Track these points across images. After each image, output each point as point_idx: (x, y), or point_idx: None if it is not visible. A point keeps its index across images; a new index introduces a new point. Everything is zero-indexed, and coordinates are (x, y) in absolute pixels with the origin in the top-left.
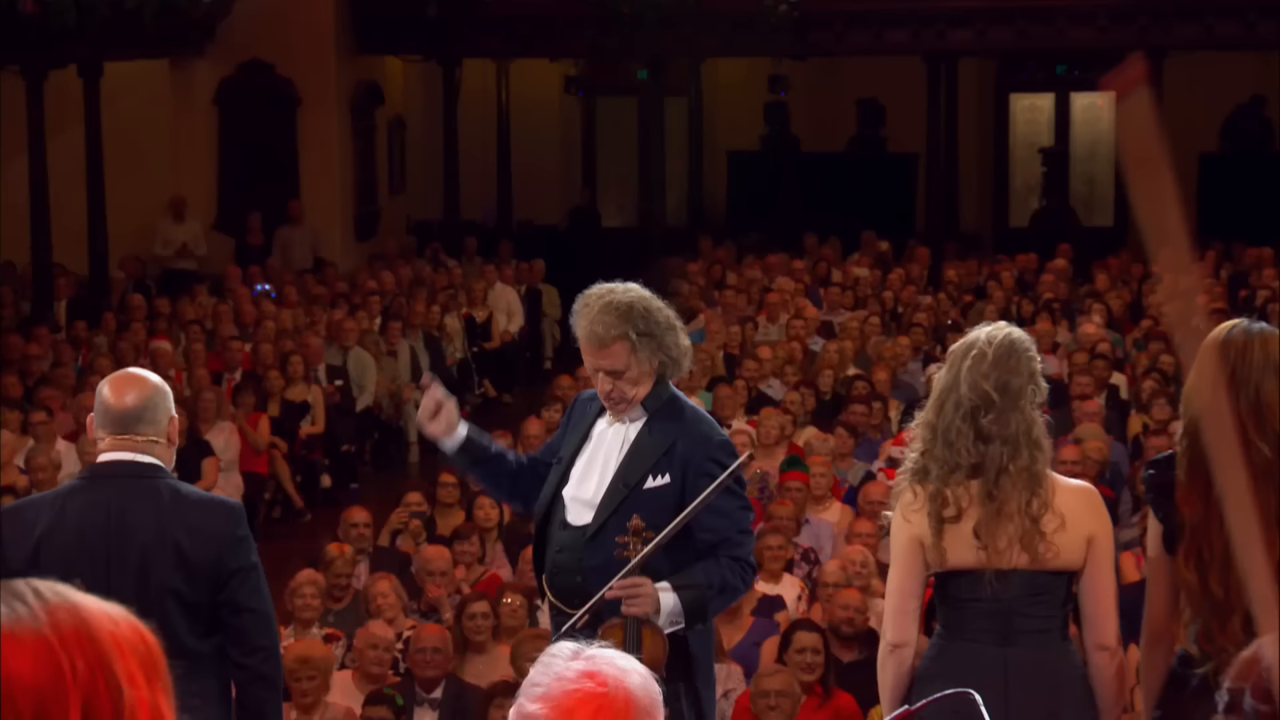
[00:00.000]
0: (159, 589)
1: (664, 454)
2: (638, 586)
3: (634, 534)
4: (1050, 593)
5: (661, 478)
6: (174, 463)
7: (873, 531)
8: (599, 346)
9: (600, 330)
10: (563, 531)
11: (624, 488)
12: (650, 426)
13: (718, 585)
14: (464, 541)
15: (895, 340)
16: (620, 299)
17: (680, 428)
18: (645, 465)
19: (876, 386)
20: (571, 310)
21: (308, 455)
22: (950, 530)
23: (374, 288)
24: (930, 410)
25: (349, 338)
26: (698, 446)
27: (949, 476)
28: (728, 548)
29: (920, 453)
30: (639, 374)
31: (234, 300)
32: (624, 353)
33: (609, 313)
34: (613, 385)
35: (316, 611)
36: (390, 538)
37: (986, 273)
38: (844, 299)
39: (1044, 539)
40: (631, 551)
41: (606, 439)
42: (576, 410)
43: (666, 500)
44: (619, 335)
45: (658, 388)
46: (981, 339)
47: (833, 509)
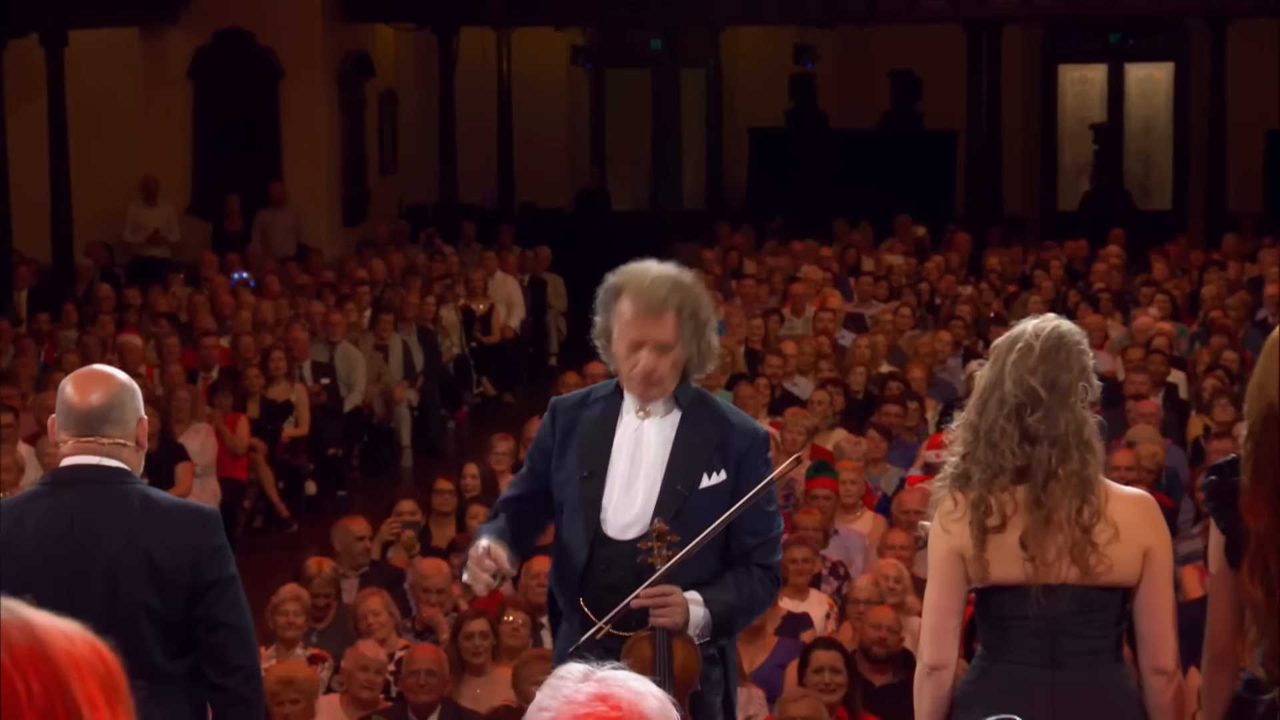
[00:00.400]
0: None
1: (716, 448)
2: (666, 595)
3: (657, 538)
4: (1102, 610)
5: (716, 475)
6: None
7: (908, 543)
8: (654, 314)
9: (661, 294)
10: (607, 548)
11: (682, 490)
12: (690, 420)
13: (747, 598)
14: (461, 554)
15: (932, 335)
16: (677, 272)
17: (724, 420)
18: (699, 462)
19: (912, 385)
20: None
21: (290, 460)
22: (993, 541)
23: (363, 277)
24: (971, 410)
25: (336, 332)
26: (748, 439)
27: (992, 481)
28: (761, 554)
29: (960, 456)
30: (679, 356)
31: (210, 290)
32: (676, 326)
33: (667, 281)
34: (656, 363)
35: (300, 630)
36: (381, 550)
37: (1033, 260)
38: (876, 289)
39: (1096, 551)
40: (657, 557)
41: (643, 439)
42: (563, 418)
43: (720, 499)
44: (676, 306)
45: (684, 383)
46: (1028, 332)
47: (864, 519)
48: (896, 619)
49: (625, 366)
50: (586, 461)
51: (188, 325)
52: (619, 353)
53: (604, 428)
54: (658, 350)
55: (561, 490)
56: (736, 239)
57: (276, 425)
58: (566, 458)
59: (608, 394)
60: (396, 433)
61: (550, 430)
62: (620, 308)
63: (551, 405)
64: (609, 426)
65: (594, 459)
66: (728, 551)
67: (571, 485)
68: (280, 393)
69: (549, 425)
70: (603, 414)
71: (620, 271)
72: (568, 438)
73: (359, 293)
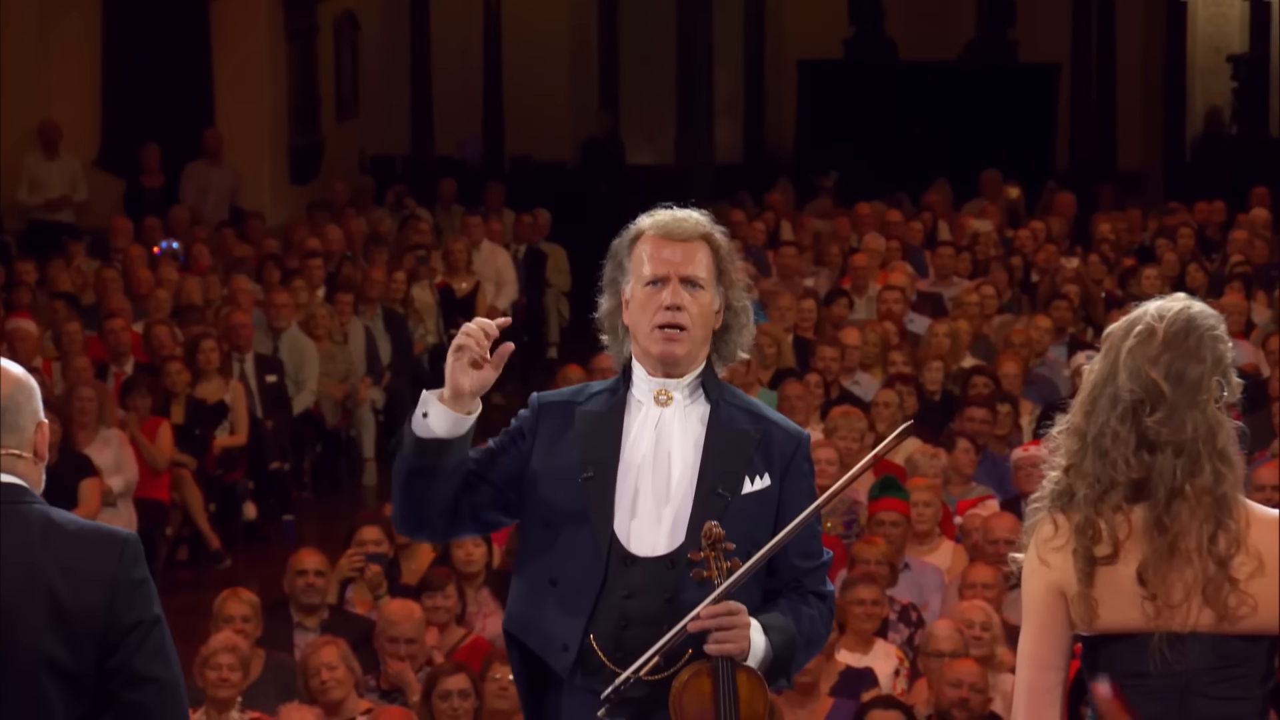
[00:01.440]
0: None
1: (757, 446)
2: (731, 616)
3: (710, 545)
4: (1244, 664)
5: (760, 479)
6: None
7: (996, 580)
8: (681, 239)
9: (692, 220)
10: (628, 569)
11: (723, 494)
12: (722, 412)
13: (807, 630)
14: (437, 594)
15: (1028, 320)
16: (698, 214)
17: (763, 416)
18: (740, 461)
19: (1003, 383)
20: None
21: (225, 476)
22: (1105, 576)
23: (316, 247)
24: (1078, 411)
25: (282, 315)
26: (793, 441)
27: (1101, 500)
28: (815, 580)
29: (1063, 469)
30: (707, 308)
31: (124, 264)
32: (706, 258)
33: (696, 214)
34: (684, 299)
35: (237, 688)
36: (339, 590)
37: (1154, 227)
38: (958, 263)
39: (1235, 589)
40: (714, 571)
41: (666, 430)
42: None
43: (765, 510)
44: (706, 235)
45: (709, 369)
46: (1149, 314)
47: (942, 549)
48: (983, 675)
49: (642, 318)
50: (589, 459)
51: (95, 308)
52: (634, 306)
53: (609, 420)
54: (687, 284)
55: (549, 501)
56: (774, 196)
57: (207, 433)
58: (556, 457)
59: (609, 386)
60: (357, 442)
61: (531, 429)
62: (639, 251)
63: (534, 403)
64: (614, 418)
65: (599, 456)
66: (773, 577)
67: (567, 490)
68: (212, 392)
69: (530, 424)
70: (606, 406)
71: (639, 220)
72: (557, 437)
73: (310, 267)
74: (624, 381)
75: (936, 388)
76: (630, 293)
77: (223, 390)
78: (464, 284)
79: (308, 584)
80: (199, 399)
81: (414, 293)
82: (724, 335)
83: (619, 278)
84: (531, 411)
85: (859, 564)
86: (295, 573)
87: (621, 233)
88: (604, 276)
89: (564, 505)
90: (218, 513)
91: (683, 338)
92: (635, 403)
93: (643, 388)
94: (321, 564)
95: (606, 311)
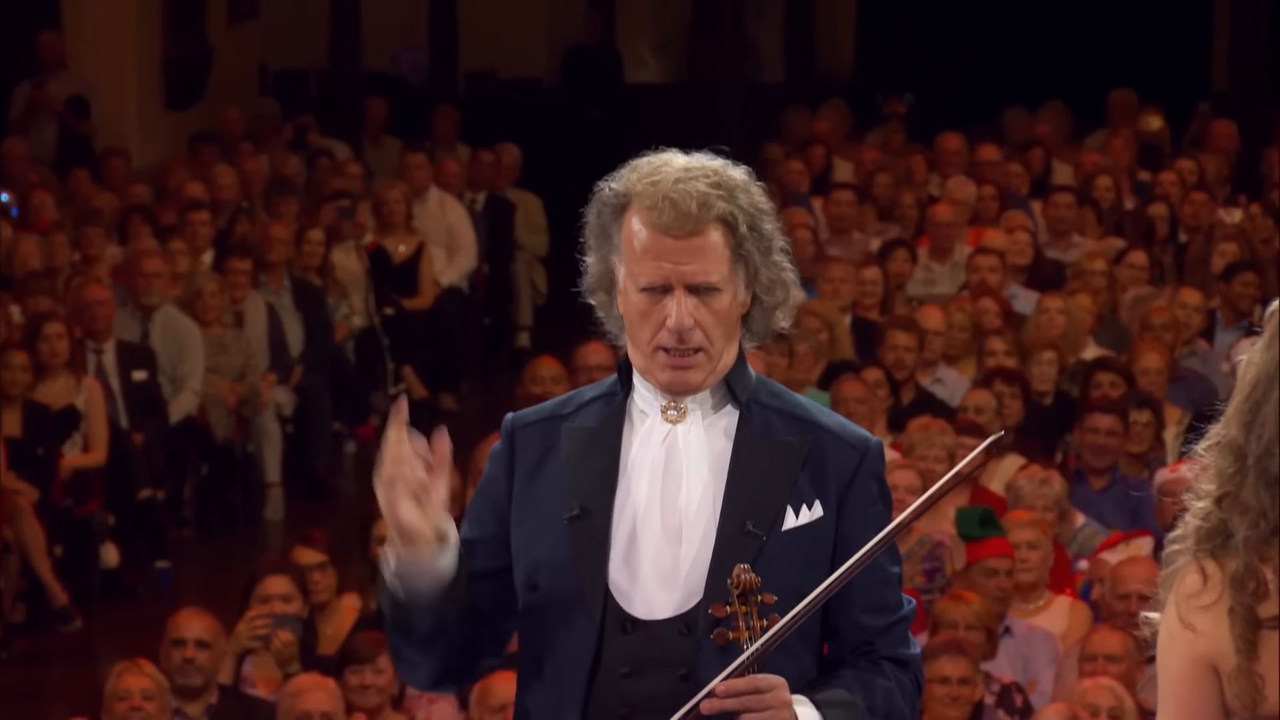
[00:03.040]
0: None
1: (804, 462)
2: (763, 693)
3: (741, 596)
4: None
5: (809, 508)
6: None
7: (1127, 650)
8: (684, 230)
9: (696, 199)
10: (629, 637)
11: (755, 531)
12: (755, 421)
13: (883, 708)
14: (366, 668)
15: (1173, 293)
16: (711, 164)
17: (812, 422)
18: (779, 484)
19: (1139, 380)
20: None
21: (76, 508)
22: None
23: (199, 196)
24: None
25: (154, 289)
26: (854, 453)
27: (1268, 543)
28: (892, 642)
29: (1214, 499)
30: (732, 307)
31: None
32: (721, 250)
33: (704, 176)
34: (694, 315)
35: None
36: (235, 665)
37: None
38: (1079, 218)
39: None
40: (743, 632)
41: (679, 451)
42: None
43: (819, 549)
44: (720, 216)
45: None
46: None
47: (1055, 609)
48: None
49: (641, 330)
50: (575, 492)
51: None
52: (629, 309)
53: (602, 439)
54: (697, 293)
55: (530, 551)
56: (823, 125)
57: (51, 449)
58: (537, 494)
59: (604, 392)
60: (258, 462)
61: (506, 465)
62: (628, 228)
63: (507, 427)
64: (609, 436)
65: (589, 488)
66: (834, 640)
67: (550, 536)
68: (57, 394)
69: (504, 459)
70: (600, 419)
71: (624, 171)
72: (538, 468)
73: (193, 223)
74: (622, 384)
75: (1048, 387)
76: (623, 281)
77: (73, 392)
78: (402, 246)
79: (187, 658)
80: (40, 403)
81: (335, 258)
82: (754, 314)
83: (606, 246)
84: (504, 442)
85: (944, 628)
86: (172, 642)
87: (606, 181)
88: (586, 233)
89: (547, 556)
90: (66, 557)
91: (697, 363)
92: (638, 413)
93: (645, 395)
94: (209, 629)
95: (595, 279)
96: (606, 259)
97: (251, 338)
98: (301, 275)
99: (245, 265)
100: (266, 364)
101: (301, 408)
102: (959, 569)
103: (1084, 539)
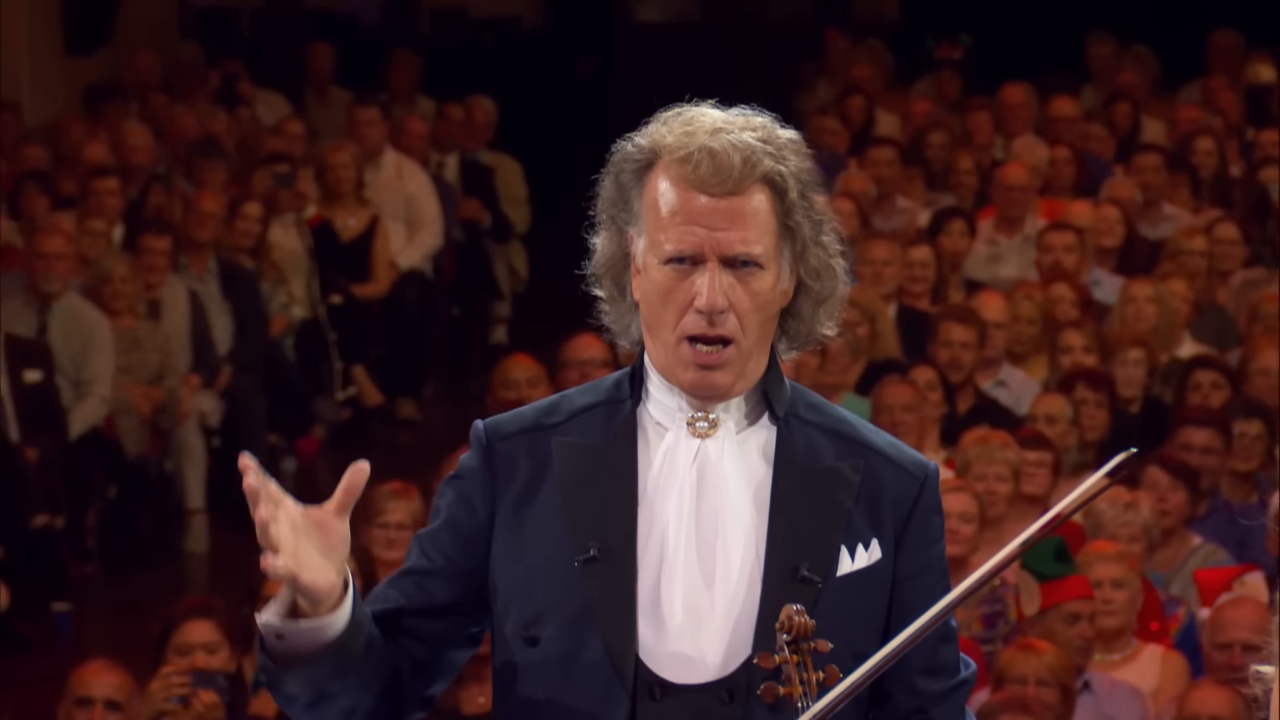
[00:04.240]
0: None
1: (858, 493)
2: None
3: (793, 641)
4: None
5: (866, 548)
6: None
7: (1232, 710)
8: (724, 188)
9: (741, 151)
10: (660, 705)
11: (809, 575)
12: (794, 444)
13: None
14: None
15: None
16: (756, 119)
17: (862, 439)
18: (833, 519)
19: (1247, 383)
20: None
21: None
22: None
23: (104, 160)
24: None
25: (52, 274)
26: (913, 482)
27: None
28: (948, 712)
29: None
30: (767, 295)
31: None
32: (767, 217)
33: (744, 130)
34: (729, 295)
35: None
36: None
37: None
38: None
39: None
40: (795, 686)
41: (710, 475)
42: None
43: (874, 596)
44: (769, 174)
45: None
46: None
47: (1144, 659)
48: None
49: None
50: (586, 527)
51: None
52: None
53: (613, 458)
54: (731, 269)
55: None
56: (861, 71)
57: None
58: (532, 528)
59: (604, 399)
60: (177, 482)
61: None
62: (653, 189)
63: (480, 438)
64: (624, 456)
65: (604, 522)
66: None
67: (556, 582)
68: None
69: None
70: (604, 434)
71: (650, 125)
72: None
73: (98, 192)
74: (632, 388)
75: (1136, 392)
76: (642, 257)
77: None
78: (352, 220)
79: None
80: None
81: (272, 235)
82: (795, 310)
83: (623, 217)
84: (478, 456)
85: (1009, 683)
86: (75, 701)
87: (628, 139)
88: (599, 204)
89: (553, 607)
90: None
91: (726, 358)
92: (653, 426)
93: (665, 404)
94: (121, 687)
95: (604, 261)
96: (622, 234)
97: (170, 332)
98: (230, 256)
99: (162, 244)
100: (188, 364)
101: (230, 417)
102: (1028, 613)
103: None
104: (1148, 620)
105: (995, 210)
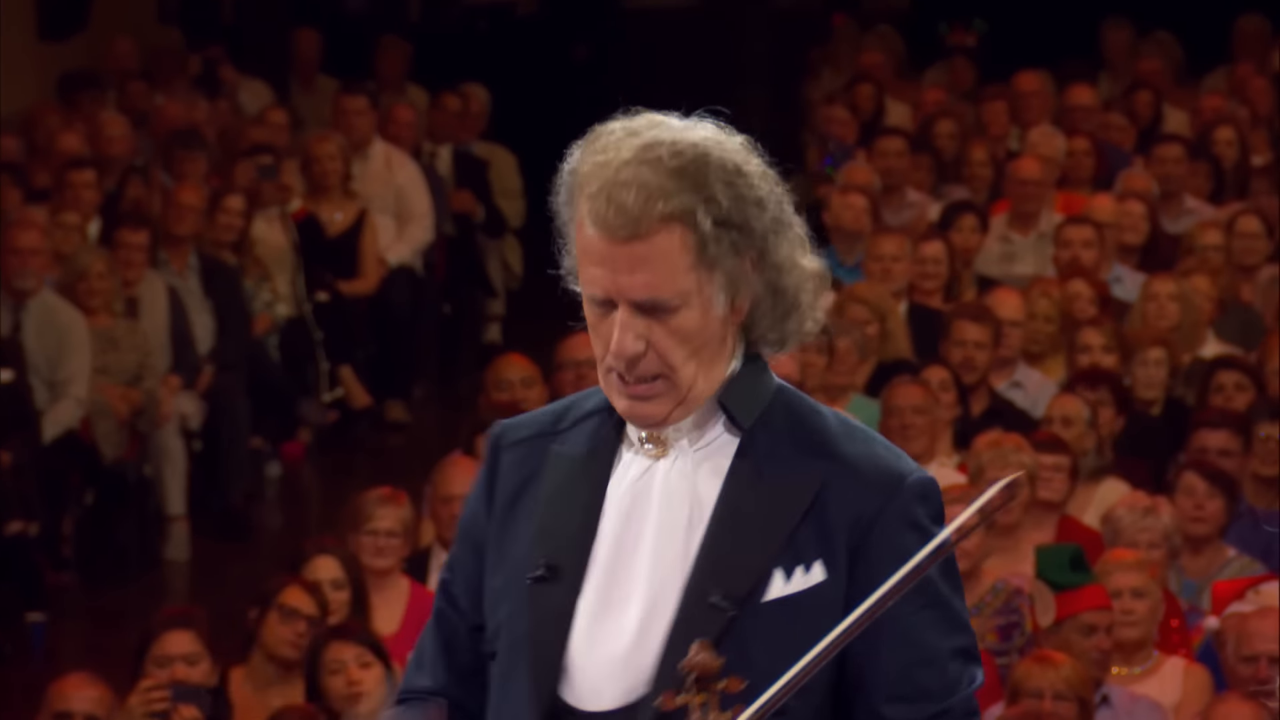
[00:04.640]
0: None
1: (808, 509)
2: None
3: (698, 681)
4: None
5: (805, 570)
6: None
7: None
8: (623, 233)
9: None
10: None
11: (722, 605)
12: (754, 456)
13: None
14: None
15: None
16: (685, 140)
17: (832, 447)
18: (765, 542)
19: (1272, 385)
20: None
21: None
22: None
23: (80, 152)
24: None
25: (27, 270)
26: (879, 494)
27: None
28: None
29: None
30: (702, 321)
31: None
32: (677, 256)
33: (656, 161)
34: (644, 344)
35: None
36: None
37: None
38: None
39: None
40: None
41: (649, 500)
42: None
43: (820, 620)
44: (674, 213)
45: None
46: None
47: (1166, 672)
48: None
49: (596, 346)
50: (545, 544)
51: None
52: (586, 314)
53: (589, 471)
54: (643, 311)
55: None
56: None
57: None
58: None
59: (605, 405)
60: (156, 487)
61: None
62: (580, 217)
63: (494, 441)
64: (598, 469)
65: (560, 538)
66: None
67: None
68: None
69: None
70: (590, 444)
71: (586, 139)
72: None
73: (74, 185)
74: None
75: (1156, 393)
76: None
77: None
78: (339, 214)
79: None
80: None
81: (255, 230)
82: (767, 323)
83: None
84: (488, 461)
85: (1025, 697)
86: (53, 716)
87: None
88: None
89: (505, 624)
90: None
91: (656, 391)
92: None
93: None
94: (100, 701)
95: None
96: (573, 250)
97: (149, 331)
98: (212, 251)
99: (140, 239)
100: (168, 364)
101: (212, 420)
102: (1043, 624)
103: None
104: (1168, 618)
105: (1009, 205)
